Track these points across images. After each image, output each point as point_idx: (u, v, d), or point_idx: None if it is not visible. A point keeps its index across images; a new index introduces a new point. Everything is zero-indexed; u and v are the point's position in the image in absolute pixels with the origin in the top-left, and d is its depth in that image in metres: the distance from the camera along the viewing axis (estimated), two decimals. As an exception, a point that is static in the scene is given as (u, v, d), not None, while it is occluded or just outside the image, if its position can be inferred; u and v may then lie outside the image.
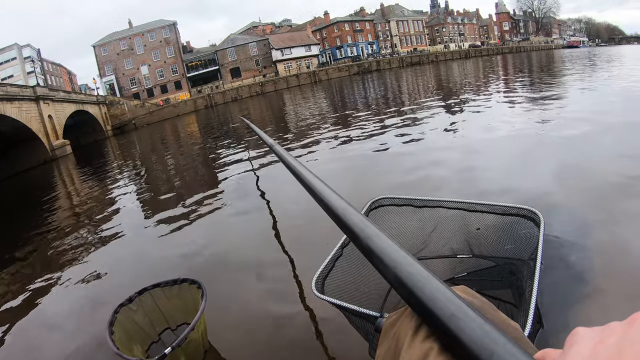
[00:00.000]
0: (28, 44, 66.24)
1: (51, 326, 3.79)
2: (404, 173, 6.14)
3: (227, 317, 3.26)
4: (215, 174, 9.47)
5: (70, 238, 6.66)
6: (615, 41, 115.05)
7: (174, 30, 69.23)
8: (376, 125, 11.10)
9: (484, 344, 0.51)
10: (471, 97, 14.43)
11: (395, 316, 0.81)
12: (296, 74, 63.92)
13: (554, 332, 2.27)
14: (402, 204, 2.56)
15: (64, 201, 10.86)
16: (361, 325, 1.82)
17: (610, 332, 0.38)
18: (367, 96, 23.35)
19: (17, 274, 5.57)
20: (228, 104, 52.09)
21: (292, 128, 15.39)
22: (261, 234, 4.98)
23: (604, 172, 4.68)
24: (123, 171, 13.75)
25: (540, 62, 36.27)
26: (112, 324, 2.62)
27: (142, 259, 5.12)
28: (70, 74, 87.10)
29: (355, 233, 0.87)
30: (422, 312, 0.64)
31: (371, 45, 79.31)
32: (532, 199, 4.15)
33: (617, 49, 58.34)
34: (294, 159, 1.64)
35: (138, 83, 68.03)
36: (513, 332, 0.68)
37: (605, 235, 3.29)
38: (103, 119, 43.74)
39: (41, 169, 23.21)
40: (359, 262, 2.23)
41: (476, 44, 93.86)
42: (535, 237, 1.99)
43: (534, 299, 1.54)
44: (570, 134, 6.72)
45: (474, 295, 0.78)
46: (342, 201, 1.03)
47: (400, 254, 0.74)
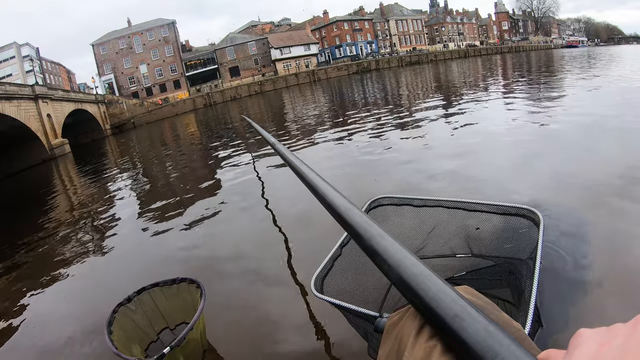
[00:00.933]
0: (27, 43, 66.14)
1: (49, 326, 3.78)
2: (403, 172, 6.14)
3: (226, 317, 3.26)
4: (213, 173, 9.46)
5: (69, 237, 6.65)
6: (614, 41, 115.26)
7: (173, 29, 69.16)
8: (375, 125, 11.10)
9: (488, 345, 0.51)
10: (470, 97, 14.43)
11: (398, 316, 0.81)
12: (295, 73, 63.92)
13: (553, 331, 2.27)
14: (401, 203, 2.55)
15: (62, 200, 10.84)
16: (360, 325, 1.82)
17: (615, 333, 0.37)
18: (366, 96, 23.36)
19: (15, 273, 5.55)
20: (227, 103, 52.06)
21: (290, 127, 15.37)
22: (260, 232, 4.98)
23: (603, 171, 4.68)
24: (122, 170, 13.72)
25: (540, 62, 36.29)
26: (111, 323, 2.61)
27: (140, 258, 5.12)
28: (69, 72, 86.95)
29: (359, 233, 0.87)
30: (425, 313, 0.64)
31: (370, 44, 79.33)
32: (531, 199, 4.15)
33: (615, 49, 58.42)
34: (296, 157, 1.62)
35: (137, 82, 67.96)
36: (516, 333, 0.68)
37: (605, 235, 3.29)
38: (102, 118, 43.68)
39: (40, 168, 23.17)
40: (358, 262, 2.22)
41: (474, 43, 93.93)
42: (534, 236, 1.99)
43: (534, 299, 1.54)
44: (570, 134, 6.74)
45: (477, 295, 0.78)
46: (345, 200, 1.03)
47: (404, 255, 0.73)
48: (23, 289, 4.78)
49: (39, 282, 4.89)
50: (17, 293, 4.71)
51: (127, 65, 67.60)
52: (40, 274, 5.16)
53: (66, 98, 34.78)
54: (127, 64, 67.55)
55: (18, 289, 4.87)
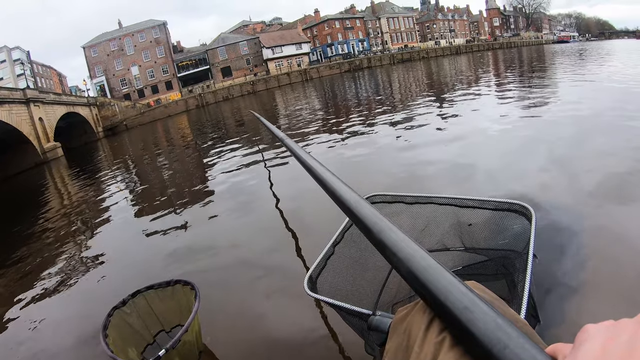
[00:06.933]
0: (17, 46, 65.60)
1: (44, 331, 3.76)
2: (395, 170, 6.15)
3: (222, 318, 3.26)
4: (206, 174, 9.43)
5: (62, 242, 6.61)
6: (605, 36, 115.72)
7: (164, 30, 68.77)
8: (367, 123, 11.11)
9: (497, 337, 0.52)
10: (462, 93, 14.47)
11: (405, 311, 0.81)
12: (287, 73, 63.76)
13: (551, 327, 2.29)
14: (393, 200, 2.54)
15: (55, 205, 10.76)
16: (355, 323, 1.81)
17: (622, 329, 0.37)
18: (358, 93, 23.36)
19: (7, 279, 5.52)
20: (219, 104, 51.87)
21: (283, 126, 15.35)
22: (254, 234, 4.98)
23: (598, 166, 4.72)
24: (115, 173, 13.64)
25: (531, 57, 36.47)
26: (106, 327, 2.60)
27: (135, 261, 5.10)
28: (60, 75, 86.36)
29: (368, 227, 0.88)
30: (435, 305, 0.65)
31: (362, 42, 79.26)
32: (525, 194, 4.17)
33: (606, 44, 58.78)
34: (305, 152, 1.62)
35: (129, 84, 67.53)
36: (523, 327, 0.67)
37: (599, 230, 3.32)
38: (94, 120, 43.39)
39: (32, 172, 22.99)
40: (352, 260, 2.22)
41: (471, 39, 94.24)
42: (527, 231, 2.00)
43: (527, 293, 1.54)
44: (562, 129, 6.78)
45: (484, 290, 0.78)
46: (355, 194, 1.04)
47: (414, 248, 0.74)
48: (15, 294, 4.74)
49: (31, 287, 4.85)
50: (8, 299, 4.68)
51: (119, 67, 67.13)
52: (32, 279, 5.14)
53: (58, 101, 34.51)
54: (118, 65, 67.09)
55: (9, 294, 4.83)
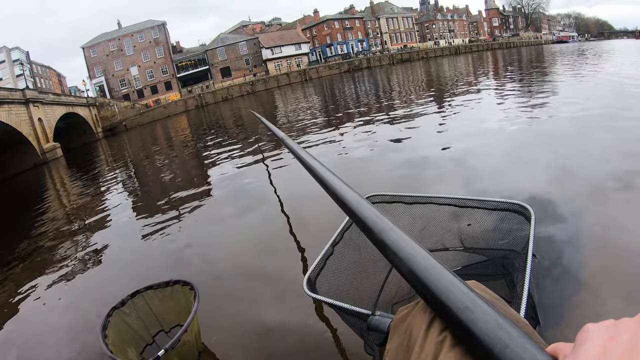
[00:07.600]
0: (17, 47, 65.53)
1: (43, 332, 3.76)
2: (394, 170, 6.15)
3: (221, 318, 3.26)
4: (206, 174, 9.44)
5: (61, 242, 6.61)
6: (604, 36, 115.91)
7: (164, 31, 68.70)
8: (366, 123, 11.12)
9: (498, 337, 0.52)
10: (461, 93, 14.47)
11: (406, 311, 0.81)
12: (287, 73, 63.75)
13: (550, 329, 2.29)
14: (392, 201, 2.54)
15: (54, 205, 10.76)
16: (354, 323, 1.81)
17: (623, 328, 0.37)
18: (358, 94, 23.35)
19: (7, 279, 5.51)
20: (219, 104, 51.85)
21: (283, 126, 15.34)
22: (253, 234, 4.98)
23: (597, 166, 4.72)
24: (114, 174, 13.63)
25: (530, 57, 36.46)
26: (106, 327, 2.60)
27: (134, 261, 5.10)
28: (60, 76, 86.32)
29: (369, 227, 0.87)
30: (435, 305, 0.65)
31: (361, 42, 79.26)
32: (525, 194, 4.18)
33: (606, 43, 58.83)
34: (306, 151, 1.61)
35: (128, 84, 67.45)
36: (524, 328, 0.66)
37: (599, 230, 3.31)
38: (93, 121, 43.35)
39: (32, 173, 22.96)
40: (351, 260, 2.22)
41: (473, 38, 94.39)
42: (526, 231, 1.99)
43: (526, 292, 1.54)
44: (562, 129, 6.78)
45: (485, 290, 0.77)
46: (356, 194, 1.04)
47: (414, 248, 0.74)
48: (16, 295, 4.74)
49: (30, 288, 4.85)
50: (8, 300, 4.67)
51: (118, 68, 67.05)
52: (31, 279, 5.12)
53: (57, 102, 34.48)
54: (117, 66, 67.00)
55: (8, 295, 4.82)
